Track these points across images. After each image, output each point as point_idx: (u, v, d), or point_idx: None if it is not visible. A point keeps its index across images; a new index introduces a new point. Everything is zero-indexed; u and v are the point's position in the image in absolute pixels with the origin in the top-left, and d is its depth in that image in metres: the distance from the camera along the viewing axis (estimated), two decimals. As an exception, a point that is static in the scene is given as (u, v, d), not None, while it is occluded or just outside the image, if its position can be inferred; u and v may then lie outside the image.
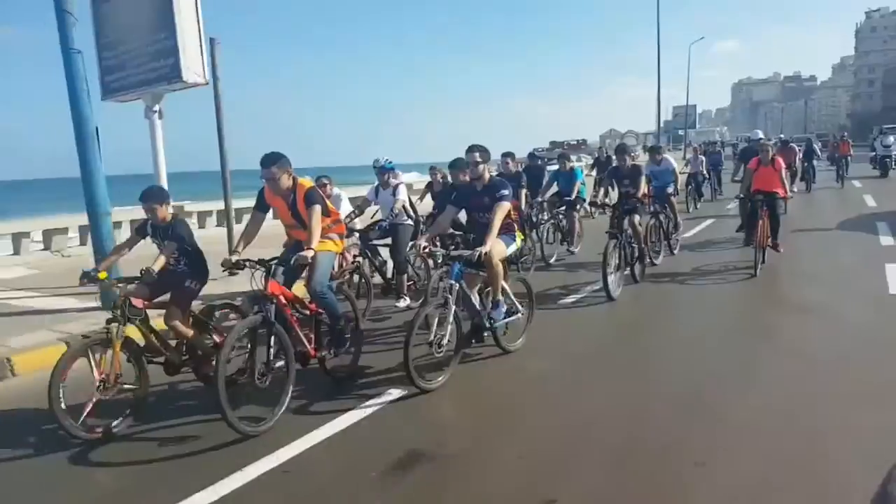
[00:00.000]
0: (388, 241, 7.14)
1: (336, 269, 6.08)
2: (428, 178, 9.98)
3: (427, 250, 4.88)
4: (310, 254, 4.17)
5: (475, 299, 4.93)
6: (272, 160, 4.43)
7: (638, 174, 7.86)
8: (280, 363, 4.18)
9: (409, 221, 7.30)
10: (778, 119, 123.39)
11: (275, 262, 4.24)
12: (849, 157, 20.22)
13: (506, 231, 5.00)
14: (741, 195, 8.57)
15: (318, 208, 4.41)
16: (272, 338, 4.07)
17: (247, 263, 4.20)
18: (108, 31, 8.40)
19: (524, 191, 8.54)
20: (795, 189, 15.61)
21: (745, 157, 11.15)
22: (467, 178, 6.24)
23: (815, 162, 18.72)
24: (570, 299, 7.13)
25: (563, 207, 9.91)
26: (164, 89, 8.18)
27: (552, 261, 9.30)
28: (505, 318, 5.09)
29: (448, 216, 5.21)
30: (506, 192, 4.93)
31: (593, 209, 10.19)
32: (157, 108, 8.28)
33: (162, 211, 4.58)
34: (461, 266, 4.69)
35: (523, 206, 8.31)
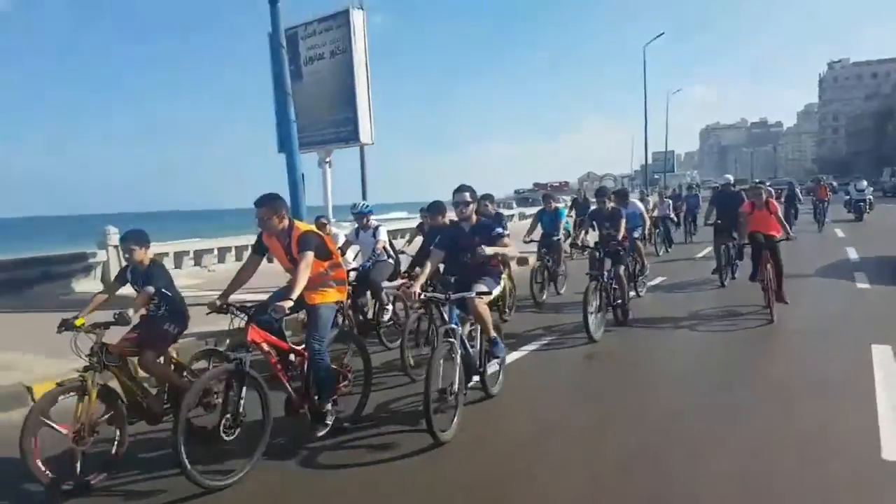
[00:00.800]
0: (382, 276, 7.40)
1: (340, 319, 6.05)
2: (417, 219, 10.06)
3: (422, 296, 4.71)
4: (287, 304, 3.92)
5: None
6: (261, 201, 4.32)
7: (618, 217, 8.01)
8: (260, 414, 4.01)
9: (390, 260, 7.52)
10: (747, 163, 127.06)
11: (254, 308, 4.09)
12: (827, 202, 20.44)
13: (490, 273, 4.98)
14: (742, 242, 8.67)
15: (308, 255, 4.21)
16: (243, 388, 3.87)
17: (230, 308, 4.08)
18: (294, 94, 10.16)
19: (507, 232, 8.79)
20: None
21: (716, 202, 11.39)
22: (445, 222, 6.39)
23: (798, 205, 19.09)
24: (549, 339, 7.18)
25: (546, 249, 9.95)
26: (339, 147, 11.34)
27: (541, 300, 9.30)
28: (502, 356, 5.14)
29: (436, 259, 5.10)
30: (501, 229, 4.95)
31: (574, 250, 10.10)
32: (328, 159, 11.25)
33: (140, 254, 4.49)
34: (457, 308, 4.68)
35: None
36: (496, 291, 5.04)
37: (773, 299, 7.51)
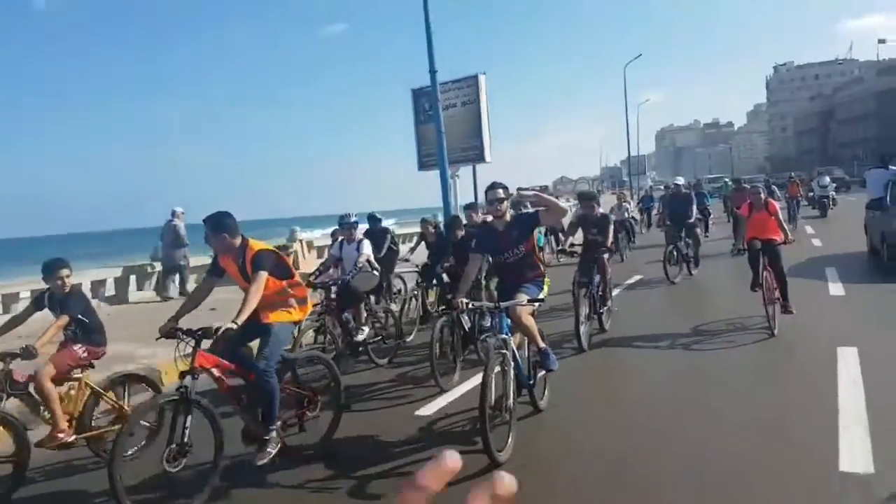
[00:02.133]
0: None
1: (296, 335, 5.86)
2: (417, 229, 10.83)
3: (469, 305, 4.69)
4: (233, 326, 3.82)
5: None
6: (210, 219, 4.29)
7: (606, 222, 7.82)
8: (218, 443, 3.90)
9: (375, 272, 7.34)
10: (703, 163, 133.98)
11: (201, 332, 3.91)
12: (799, 198, 20.57)
13: (533, 280, 4.82)
14: (739, 246, 8.29)
15: (262, 275, 4.09)
16: (188, 417, 3.74)
17: (178, 332, 3.96)
18: (426, 132, 15.94)
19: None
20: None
21: (668, 204, 12.10)
22: (481, 219, 7.12)
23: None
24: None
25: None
26: (468, 165, 16.51)
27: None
28: (553, 369, 4.91)
29: (475, 265, 4.95)
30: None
31: (561, 256, 10.40)
32: (457, 174, 15.64)
33: (61, 281, 4.55)
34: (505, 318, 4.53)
35: None
36: (535, 294, 4.81)
37: (776, 310, 7.00)
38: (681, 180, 13.51)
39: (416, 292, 8.95)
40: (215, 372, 4.02)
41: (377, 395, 6.04)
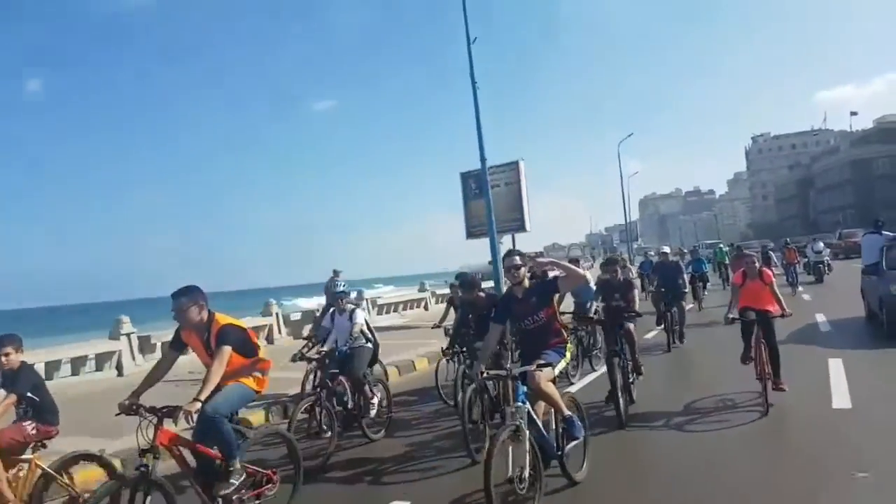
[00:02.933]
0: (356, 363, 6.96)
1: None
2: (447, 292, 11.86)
3: (485, 374, 4.65)
4: (193, 407, 3.76)
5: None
6: (179, 293, 4.21)
7: (630, 288, 7.61)
8: None
9: (369, 345, 7.15)
10: (688, 230, 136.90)
11: (165, 409, 3.85)
12: (797, 264, 20.58)
13: (554, 346, 4.74)
14: (731, 315, 7.36)
15: (225, 351, 4.05)
16: (147, 499, 3.62)
17: (139, 409, 3.86)
18: (475, 207, 19.98)
19: None
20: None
21: (658, 271, 12.26)
22: (480, 295, 7.26)
23: (773, 270, 17.58)
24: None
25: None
26: (511, 234, 20.28)
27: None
28: (581, 436, 4.75)
29: (496, 334, 4.98)
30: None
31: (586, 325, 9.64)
32: (501, 241, 18.06)
33: (12, 357, 4.47)
34: (524, 385, 4.40)
35: None
36: (560, 366, 4.74)
37: (768, 387, 6.62)
38: (667, 249, 13.82)
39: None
40: (177, 450, 3.97)
41: (409, 468, 5.83)
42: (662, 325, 11.47)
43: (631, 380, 7.12)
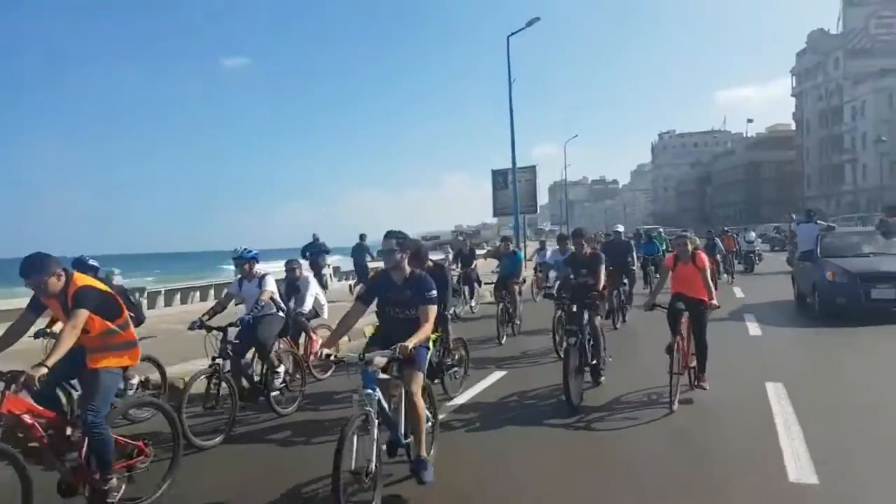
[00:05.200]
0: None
1: (124, 385, 5.73)
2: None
3: (332, 357, 4.31)
4: (38, 373, 3.51)
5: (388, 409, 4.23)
6: (30, 269, 3.86)
7: (598, 262, 7.23)
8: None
9: (280, 314, 6.77)
10: (591, 215, 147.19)
11: (10, 375, 3.59)
12: (734, 253, 21.03)
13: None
14: (654, 302, 6.80)
15: (80, 314, 3.78)
16: None
17: None
18: (501, 195, 32.66)
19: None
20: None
21: (607, 250, 11.20)
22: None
23: (717, 257, 17.83)
24: (524, 411, 6.20)
25: (505, 291, 11.03)
26: (527, 214, 34.16)
27: (503, 341, 9.99)
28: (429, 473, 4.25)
29: (355, 316, 4.62)
30: (435, 293, 4.41)
31: (549, 299, 8.97)
32: (522, 223, 30.91)
33: None
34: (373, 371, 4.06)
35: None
36: (426, 362, 4.46)
37: (680, 381, 6.14)
38: (620, 227, 13.50)
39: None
40: (27, 419, 3.71)
41: (313, 443, 5.56)
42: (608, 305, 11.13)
43: (594, 361, 6.82)
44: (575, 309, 6.82)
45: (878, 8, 67.39)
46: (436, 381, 6.27)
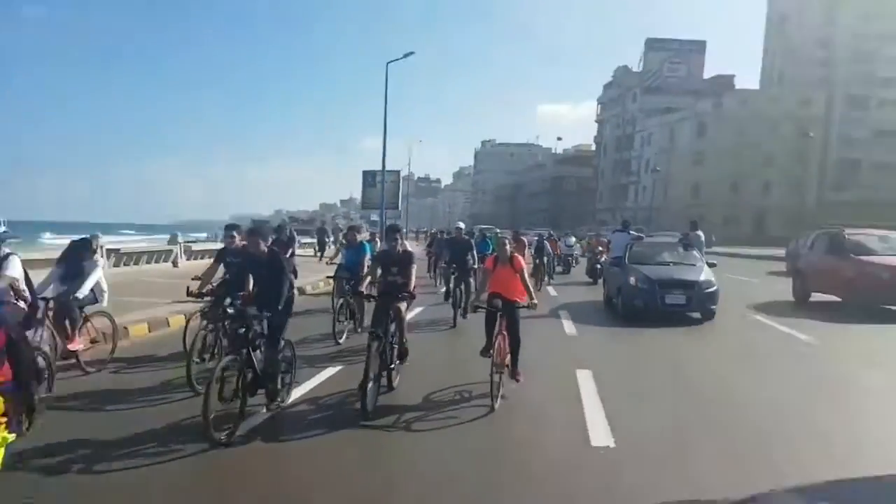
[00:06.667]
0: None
1: None
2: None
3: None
4: None
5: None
6: None
7: (409, 262, 6.54)
8: None
9: (20, 303, 5.35)
10: (416, 212, 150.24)
11: None
12: (554, 255, 20.92)
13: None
14: (476, 303, 6.92)
15: None
16: None
17: None
18: (370, 192, 38.38)
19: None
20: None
21: (449, 247, 11.90)
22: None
23: (545, 260, 18.04)
24: (347, 411, 5.66)
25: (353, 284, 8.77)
26: (392, 210, 39.88)
27: (341, 340, 8.68)
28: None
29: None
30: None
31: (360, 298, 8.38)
32: (392, 214, 38.24)
33: None
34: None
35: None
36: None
37: (503, 380, 6.02)
38: (462, 225, 13.26)
39: None
40: None
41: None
42: (451, 301, 11.04)
43: (392, 365, 6.24)
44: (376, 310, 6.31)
45: (672, 55, 76.48)
46: (259, 391, 5.25)
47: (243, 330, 5.13)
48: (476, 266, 11.31)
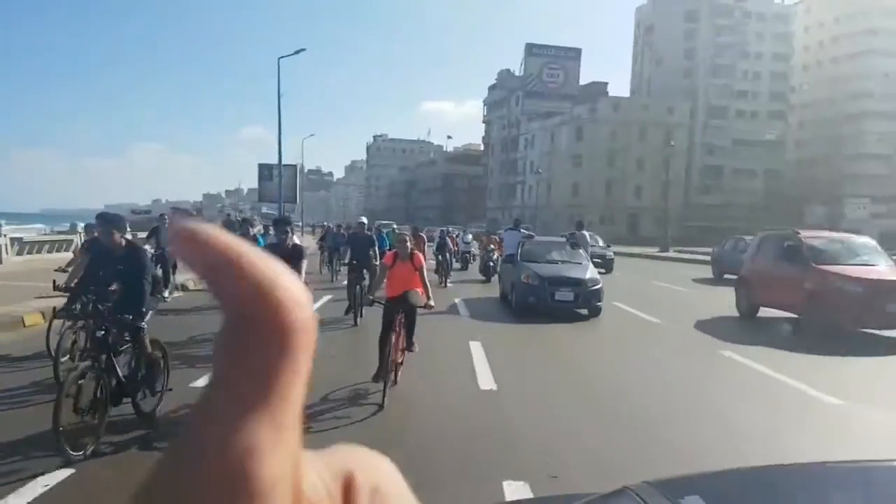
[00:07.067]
0: None
1: None
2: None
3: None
4: None
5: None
6: None
7: (300, 257, 6.22)
8: None
9: None
10: (310, 206, 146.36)
11: None
12: (454, 251, 20.51)
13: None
14: (372, 297, 6.52)
15: None
16: None
17: None
18: (267, 185, 38.47)
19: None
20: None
21: (351, 242, 11.42)
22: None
23: (448, 256, 18.01)
24: None
25: None
26: (290, 204, 39.89)
27: None
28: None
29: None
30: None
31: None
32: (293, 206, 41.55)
33: None
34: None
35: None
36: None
37: (392, 378, 5.92)
38: (364, 219, 12.84)
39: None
40: None
41: None
42: (351, 299, 10.54)
43: None
44: None
45: (550, 60, 79.66)
46: (125, 400, 4.71)
47: (102, 332, 4.56)
48: (377, 263, 10.47)
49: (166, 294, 11.52)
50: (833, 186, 72.93)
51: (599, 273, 12.90)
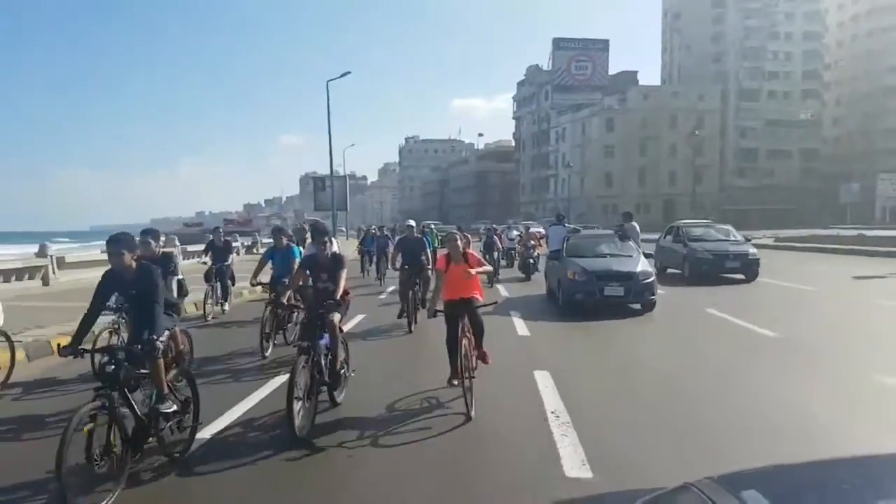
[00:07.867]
0: None
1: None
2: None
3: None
4: None
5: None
6: None
7: (339, 266, 5.78)
8: None
9: None
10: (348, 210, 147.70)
11: None
12: (502, 249, 19.80)
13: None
14: (434, 309, 6.00)
15: None
16: None
17: None
18: (321, 195, 44.62)
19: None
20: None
21: (401, 246, 10.65)
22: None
23: (497, 256, 17.55)
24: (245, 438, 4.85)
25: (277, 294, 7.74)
26: (337, 212, 42.91)
27: (268, 353, 7.65)
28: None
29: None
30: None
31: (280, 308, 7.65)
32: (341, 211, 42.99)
33: None
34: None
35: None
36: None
37: (470, 389, 5.31)
38: (412, 222, 12.19)
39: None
40: None
41: None
42: (404, 305, 9.79)
43: (329, 380, 5.44)
44: (308, 321, 5.55)
45: (578, 53, 78.12)
46: (150, 440, 4.08)
47: (113, 367, 3.83)
48: (430, 266, 10.26)
49: (226, 307, 11.48)
50: (870, 162, 69.85)
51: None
